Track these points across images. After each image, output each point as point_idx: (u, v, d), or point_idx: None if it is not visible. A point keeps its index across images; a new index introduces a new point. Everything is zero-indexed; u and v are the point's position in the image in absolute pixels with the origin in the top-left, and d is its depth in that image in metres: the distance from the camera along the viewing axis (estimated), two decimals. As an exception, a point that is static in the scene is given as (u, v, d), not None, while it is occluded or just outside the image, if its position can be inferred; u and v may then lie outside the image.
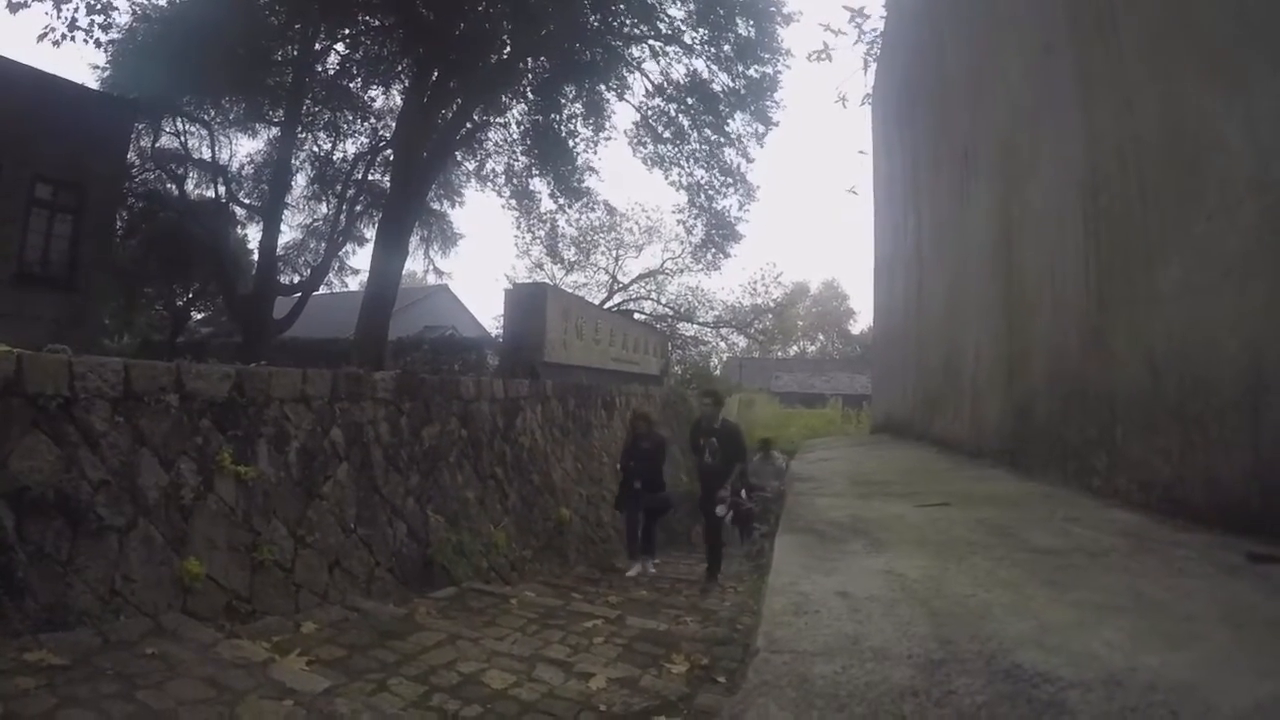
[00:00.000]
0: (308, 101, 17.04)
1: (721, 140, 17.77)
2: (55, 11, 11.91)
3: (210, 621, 4.36)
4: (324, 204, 20.56)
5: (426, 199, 17.90)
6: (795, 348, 57.70)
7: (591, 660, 4.24)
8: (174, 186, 18.94)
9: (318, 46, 16.33)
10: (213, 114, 17.48)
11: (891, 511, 3.34)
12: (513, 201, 20.57)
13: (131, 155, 16.63)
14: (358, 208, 19.32)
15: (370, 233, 19.13)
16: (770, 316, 39.09)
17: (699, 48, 16.46)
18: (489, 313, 35.14)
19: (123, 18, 13.84)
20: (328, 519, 5.69)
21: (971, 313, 5.52)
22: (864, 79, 12.93)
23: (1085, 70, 3.49)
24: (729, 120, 17.41)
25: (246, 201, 19.80)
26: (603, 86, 17.19)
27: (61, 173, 12.24)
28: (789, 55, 16.51)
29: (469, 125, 16.54)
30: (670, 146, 18.09)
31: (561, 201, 19.97)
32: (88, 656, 3.48)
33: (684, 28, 16.21)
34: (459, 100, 15.36)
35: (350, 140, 19.20)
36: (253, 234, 20.82)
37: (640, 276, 33.61)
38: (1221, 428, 2.43)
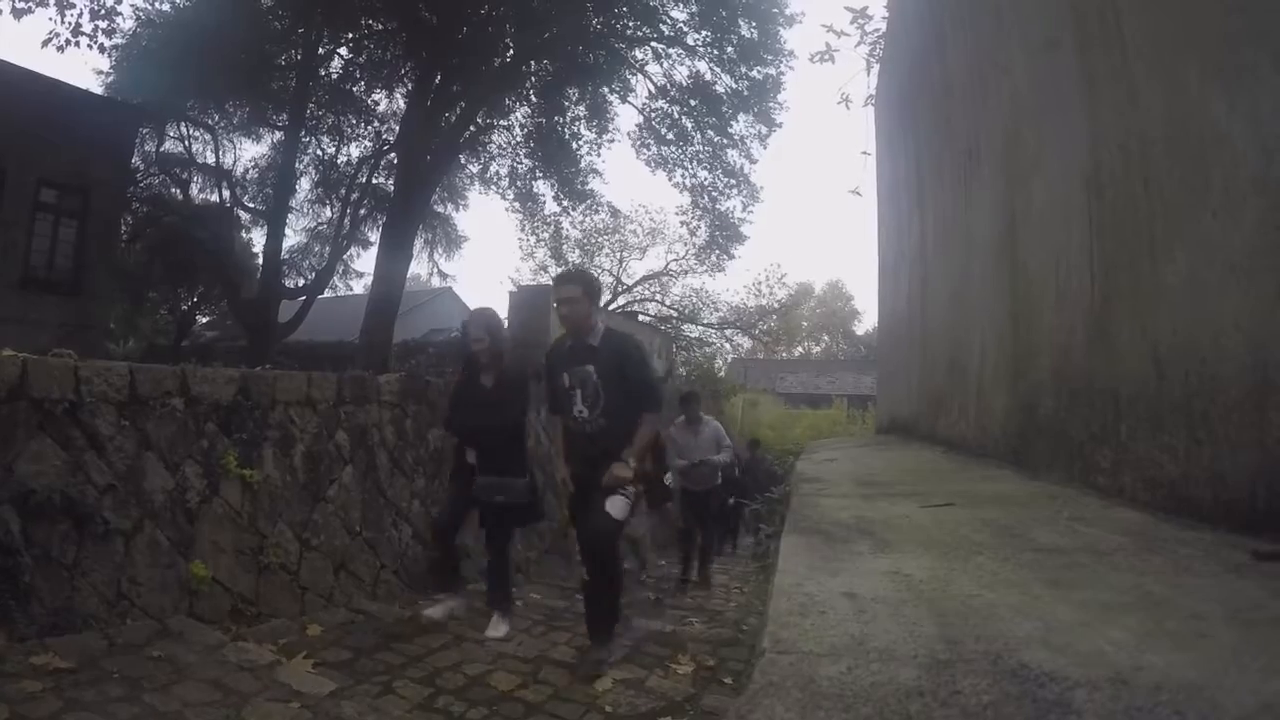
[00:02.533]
0: (311, 105, 17.06)
1: (725, 142, 17.75)
2: (59, 17, 11.93)
3: (216, 624, 4.36)
4: (328, 208, 20.58)
5: (430, 202, 17.91)
6: (800, 349, 57.64)
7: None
8: (178, 191, 18.99)
9: (321, 51, 16.35)
10: (217, 118, 17.53)
11: (897, 512, 3.34)
12: (516, 204, 20.57)
13: (136, 160, 16.68)
14: (362, 211, 19.32)
15: (374, 236, 19.12)
16: (775, 318, 39.03)
17: (702, 49, 16.45)
18: (493, 315, 35.02)
19: (126, 23, 13.87)
20: (333, 522, 5.70)
21: (976, 311, 5.51)
22: (867, 80, 12.92)
23: (1089, 67, 3.48)
24: (732, 122, 17.39)
25: (251, 206, 19.84)
26: (606, 89, 17.21)
27: (66, 177, 12.30)
28: (792, 57, 16.49)
29: (472, 128, 16.55)
30: (673, 148, 18.07)
31: (565, 204, 19.95)
32: (94, 660, 3.48)
33: (686, 30, 16.21)
34: (462, 103, 15.37)
35: (354, 144, 19.23)
36: (257, 238, 20.85)
37: (644, 278, 33.62)
38: (1227, 425, 2.42)
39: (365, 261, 29.21)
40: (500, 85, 15.47)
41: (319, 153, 19.23)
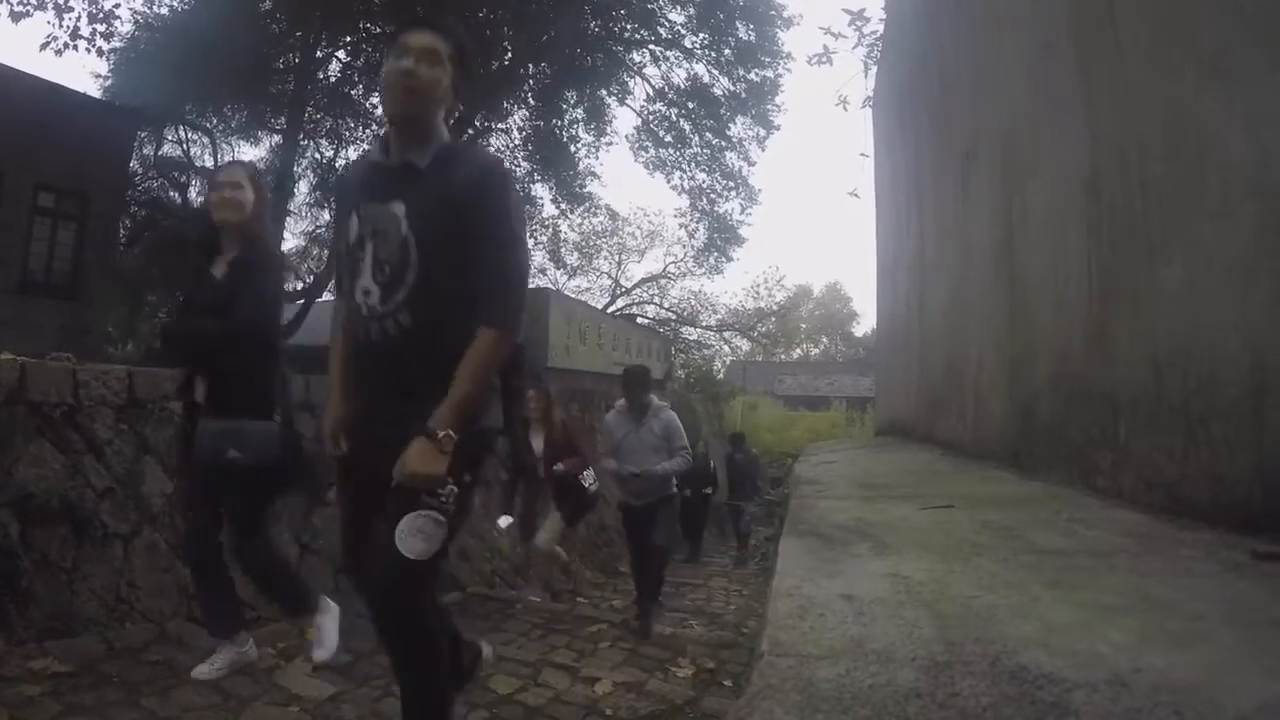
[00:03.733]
0: (309, 109, 17.05)
1: (723, 144, 17.81)
2: (57, 20, 11.96)
3: (215, 628, 4.35)
4: (326, 211, 20.54)
5: (429, 205, 17.91)
6: (799, 351, 57.68)
7: (597, 665, 4.23)
8: (177, 194, 18.97)
9: (319, 54, 16.34)
10: (215, 122, 17.50)
11: (896, 514, 3.34)
12: (515, 206, 20.57)
13: (134, 163, 16.66)
14: (360, 214, 19.28)
15: (373, 239, 19.10)
16: (773, 320, 39.14)
17: (700, 52, 16.52)
18: (492, 318, 35.13)
19: (125, 26, 13.87)
20: (332, 525, 5.69)
21: (974, 314, 5.51)
22: (865, 82, 12.96)
23: (1086, 70, 3.49)
24: (730, 124, 17.45)
25: (249, 209, 19.83)
26: (604, 91, 17.25)
27: (64, 181, 12.27)
28: (789, 59, 16.56)
29: (470, 131, 16.55)
30: (672, 150, 18.15)
31: (564, 206, 20.00)
32: (93, 664, 3.48)
33: (684, 32, 16.28)
34: (460, 107, 15.39)
35: (352, 147, 19.14)
36: (256, 241, 20.83)
37: (643, 281, 33.74)
38: (1225, 427, 2.42)
39: (364, 265, 29.12)
40: (498, 88, 15.49)
41: (317, 156, 19.20)
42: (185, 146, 18.48)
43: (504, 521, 5.62)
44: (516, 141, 18.55)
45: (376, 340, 1.98)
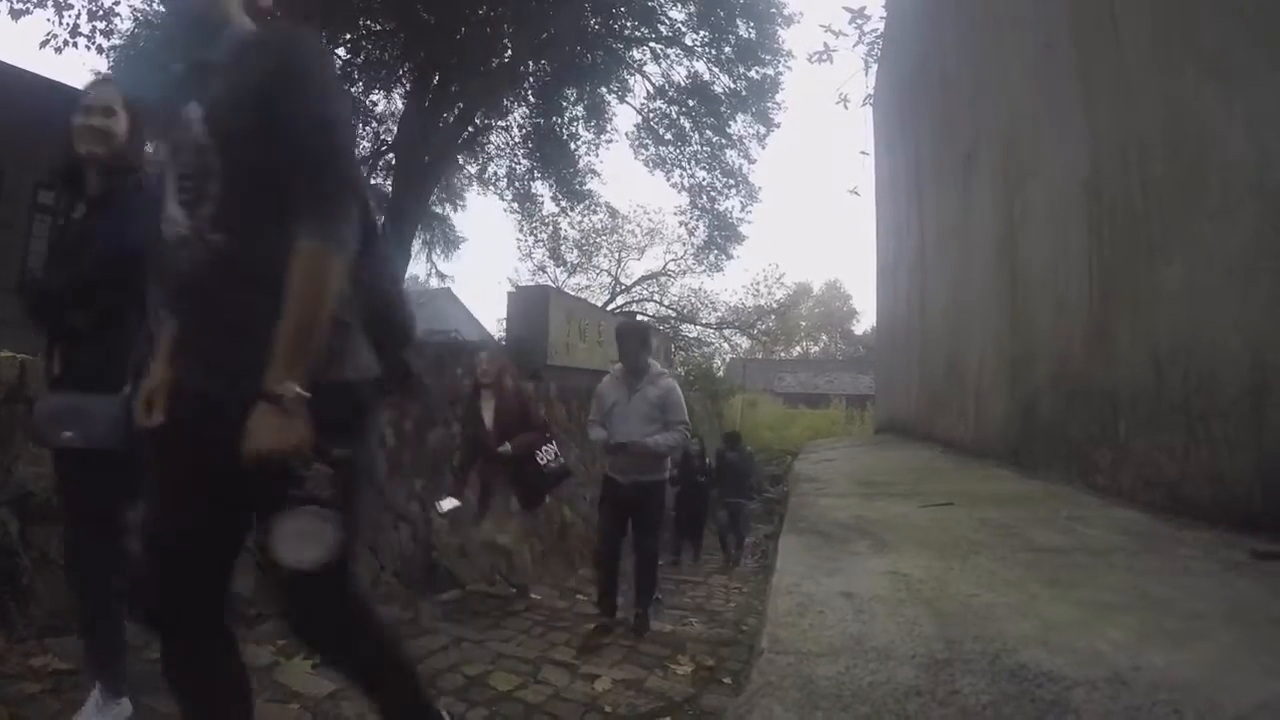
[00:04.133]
0: (310, 106, 17.07)
1: (723, 142, 17.79)
2: (57, 18, 11.97)
3: (215, 626, 4.35)
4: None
5: (429, 203, 17.92)
6: (798, 349, 57.67)
7: (597, 662, 4.23)
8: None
9: (319, 51, 16.35)
10: (215, 119, 17.54)
11: (895, 512, 3.34)
12: (515, 204, 20.59)
13: (135, 161, 16.69)
14: (360, 212, 19.27)
15: (373, 237, 19.10)
16: (773, 317, 39.15)
17: (700, 49, 16.50)
18: (492, 316, 35.22)
19: (124, 24, 13.87)
20: (332, 523, 5.69)
21: (975, 313, 5.51)
22: (865, 80, 12.96)
23: (1086, 70, 3.49)
24: (730, 122, 17.43)
25: (249, 206, 19.83)
26: (604, 89, 17.24)
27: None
28: (790, 57, 16.53)
29: (471, 129, 16.55)
30: (672, 148, 18.13)
31: (563, 204, 20.01)
32: (94, 661, 3.48)
33: (685, 30, 16.26)
34: (460, 104, 15.38)
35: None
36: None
37: (643, 278, 33.72)
38: (1225, 425, 2.43)
39: (364, 262, 29.06)
40: (498, 85, 15.48)
41: (317, 153, 19.22)
42: (185, 144, 18.47)
43: (446, 504, 4.96)
44: (517, 139, 18.57)
45: (186, 270, 1.56)
